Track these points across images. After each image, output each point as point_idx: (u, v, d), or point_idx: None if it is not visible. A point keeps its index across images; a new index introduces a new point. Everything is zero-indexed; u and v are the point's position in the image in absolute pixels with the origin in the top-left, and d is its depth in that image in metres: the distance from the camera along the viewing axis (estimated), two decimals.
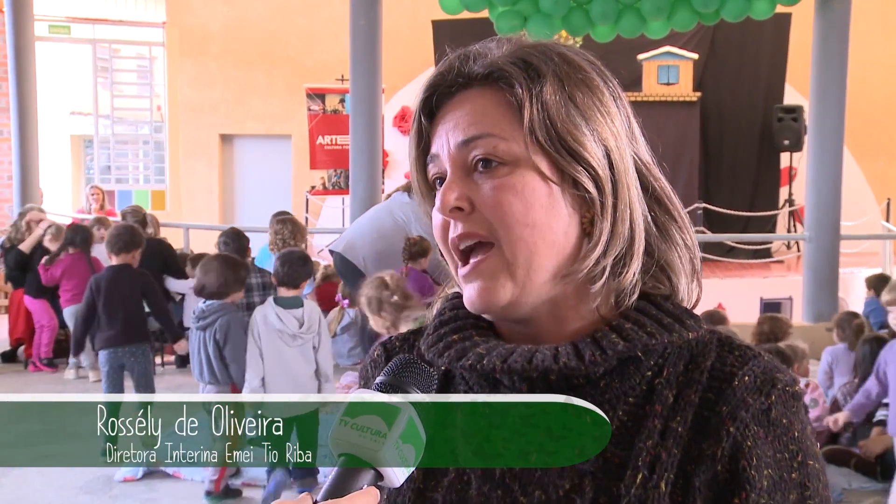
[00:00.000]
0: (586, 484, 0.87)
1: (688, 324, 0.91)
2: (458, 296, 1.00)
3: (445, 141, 0.93)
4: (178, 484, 5.31)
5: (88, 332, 5.96)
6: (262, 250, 6.84)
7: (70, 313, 7.36)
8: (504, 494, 0.90)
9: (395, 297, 4.63)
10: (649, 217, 0.94)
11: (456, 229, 0.91)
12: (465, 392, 0.97)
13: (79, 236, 7.76)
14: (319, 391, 4.91)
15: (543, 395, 0.89)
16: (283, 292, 4.97)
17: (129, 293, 5.83)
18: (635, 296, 0.92)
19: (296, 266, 4.98)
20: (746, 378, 0.87)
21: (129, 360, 5.77)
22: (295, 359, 4.89)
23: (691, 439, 0.86)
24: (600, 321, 0.93)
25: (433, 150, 0.94)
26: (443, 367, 0.94)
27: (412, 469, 0.83)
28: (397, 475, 0.81)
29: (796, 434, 0.87)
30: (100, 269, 7.83)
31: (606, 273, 0.90)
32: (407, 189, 6.49)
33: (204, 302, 5.19)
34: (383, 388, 0.85)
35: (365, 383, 1.08)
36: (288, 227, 6.11)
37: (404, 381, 0.85)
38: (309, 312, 4.93)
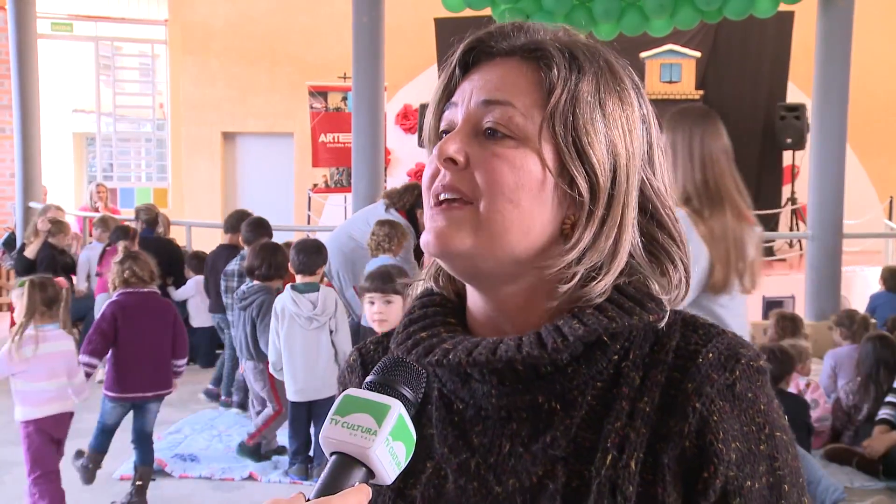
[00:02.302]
0: (559, 469, 0.88)
1: (649, 307, 0.91)
2: (428, 294, 1.02)
3: (469, 94, 0.93)
4: (180, 482, 5.32)
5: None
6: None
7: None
8: (480, 486, 0.92)
9: None
10: (640, 243, 0.94)
11: (443, 178, 0.91)
12: (439, 388, 0.98)
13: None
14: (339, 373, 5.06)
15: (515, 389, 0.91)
16: (300, 279, 5.23)
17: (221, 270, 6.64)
18: (598, 301, 0.91)
19: (311, 254, 5.25)
20: (710, 355, 0.88)
21: (224, 325, 6.90)
22: (311, 342, 5.13)
23: (659, 418, 0.88)
24: (563, 312, 0.93)
25: (454, 97, 0.95)
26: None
27: (403, 466, 0.84)
28: (388, 472, 0.82)
29: (762, 407, 0.88)
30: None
31: (576, 280, 0.91)
32: (389, 197, 6.54)
33: (247, 285, 5.69)
34: (374, 387, 0.85)
35: (343, 389, 1.08)
36: (390, 230, 6.14)
37: (394, 379, 0.86)
38: (323, 297, 5.17)
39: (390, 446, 0.81)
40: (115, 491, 5.10)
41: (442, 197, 0.91)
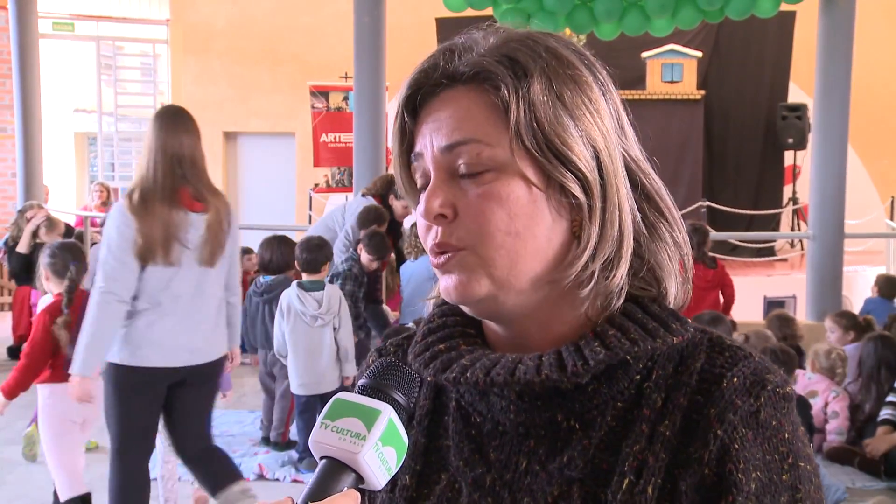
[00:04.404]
0: (574, 491, 0.86)
1: (673, 328, 0.89)
2: (447, 301, 0.99)
3: (429, 142, 0.90)
4: (181, 485, 5.30)
5: None
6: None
7: None
8: (494, 502, 0.90)
9: None
10: (639, 216, 0.92)
11: (436, 236, 0.89)
12: (457, 399, 0.96)
13: None
14: (341, 370, 5.37)
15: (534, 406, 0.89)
16: (306, 277, 5.37)
17: None
18: (622, 298, 0.90)
19: (314, 252, 5.37)
20: (735, 379, 0.85)
21: None
22: (315, 339, 5.30)
23: (679, 443, 0.85)
24: (587, 324, 0.91)
25: (417, 148, 0.92)
26: (429, 378, 0.93)
27: (394, 471, 0.82)
28: (378, 478, 0.81)
29: (787, 436, 0.85)
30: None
31: (595, 277, 0.88)
32: (366, 188, 6.75)
33: (263, 277, 5.95)
34: (365, 391, 0.84)
35: None
36: None
37: (386, 383, 0.85)
38: (329, 295, 5.30)
39: (380, 451, 0.80)
40: None
41: (443, 254, 0.90)
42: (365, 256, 6.02)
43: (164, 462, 4.72)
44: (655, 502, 0.84)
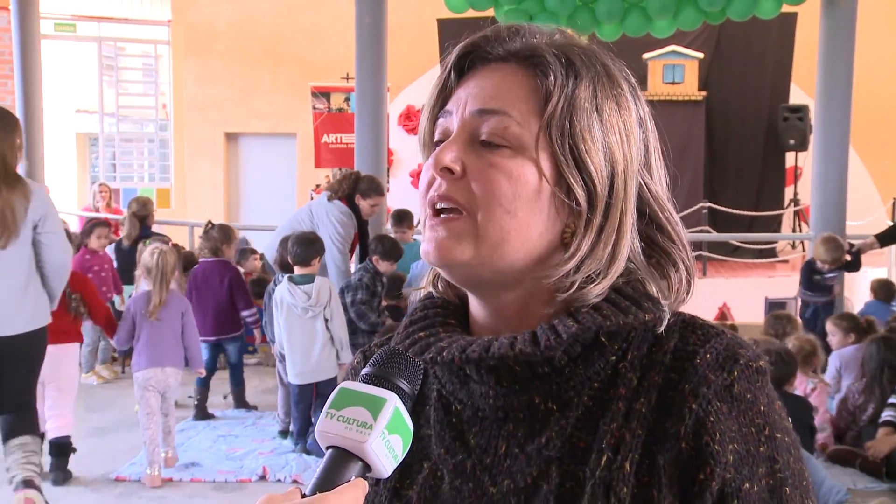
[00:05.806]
0: (553, 470, 0.88)
1: (645, 306, 0.90)
2: (430, 297, 1.03)
3: (463, 102, 0.93)
4: (183, 485, 5.32)
5: None
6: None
7: None
8: (475, 486, 0.92)
9: None
10: (639, 248, 0.94)
11: (439, 188, 0.91)
12: (438, 389, 0.98)
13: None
14: (338, 357, 5.62)
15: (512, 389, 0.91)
16: (297, 270, 5.58)
17: None
18: (592, 302, 0.91)
19: (305, 246, 5.58)
20: (708, 355, 0.87)
21: None
22: (307, 330, 5.53)
23: (655, 419, 0.86)
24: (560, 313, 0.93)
25: (449, 105, 0.94)
26: None
27: (401, 459, 0.83)
28: (385, 466, 0.82)
29: (762, 408, 0.87)
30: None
31: (575, 287, 0.90)
32: (330, 188, 6.76)
33: (281, 275, 6.10)
34: (370, 379, 0.85)
35: None
36: None
37: (390, 372, 0.85)
38: (318, 287, 5.51)
39: (386, 440, 0.80)
40: (118, 491, 5.12)
41: (438, 206, 0.91)
42: (382, 264, 6.14)
43: (145, 429, 5.15)
44: (633, 478, 0.85)
